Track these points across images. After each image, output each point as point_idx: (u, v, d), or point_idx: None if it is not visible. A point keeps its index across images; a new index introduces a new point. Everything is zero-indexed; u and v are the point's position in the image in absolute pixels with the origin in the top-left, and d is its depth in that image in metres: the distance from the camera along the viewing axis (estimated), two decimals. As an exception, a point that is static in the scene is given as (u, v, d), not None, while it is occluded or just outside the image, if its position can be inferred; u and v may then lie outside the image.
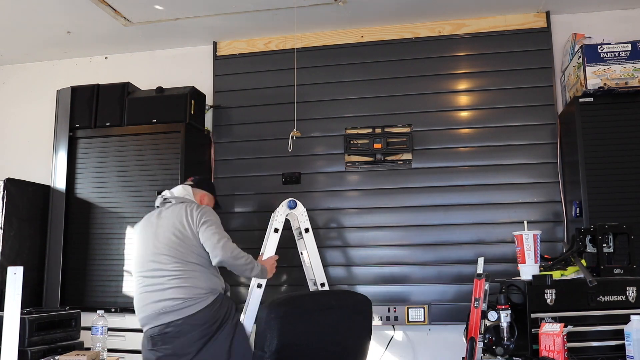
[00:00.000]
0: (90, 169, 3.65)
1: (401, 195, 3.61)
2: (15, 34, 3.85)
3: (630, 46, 3.07)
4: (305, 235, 3.23)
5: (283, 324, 2.31)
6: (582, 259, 2.40)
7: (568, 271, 2.37)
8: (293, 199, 3.21)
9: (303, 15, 3.53)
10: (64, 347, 2.84)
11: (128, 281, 3.47)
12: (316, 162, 3.76)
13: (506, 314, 2.10)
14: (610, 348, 2.14)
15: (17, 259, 3.42)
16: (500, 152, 3.55)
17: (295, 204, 3.19)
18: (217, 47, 4.02)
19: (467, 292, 3.36)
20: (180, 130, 3.52)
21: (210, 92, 3.94)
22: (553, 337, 1.98)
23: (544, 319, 2.10)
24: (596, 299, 2.17)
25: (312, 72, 3.79)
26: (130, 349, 3.31)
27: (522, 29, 3.62)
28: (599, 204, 3.03)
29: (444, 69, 3.69)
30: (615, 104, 3.10)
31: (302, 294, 3.17)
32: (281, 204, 3.18)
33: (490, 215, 3.50)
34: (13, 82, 4.39)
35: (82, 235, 3.59)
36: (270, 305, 2.42)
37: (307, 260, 3.29)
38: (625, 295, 2.20)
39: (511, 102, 3.57)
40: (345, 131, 3.73)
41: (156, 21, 3.68)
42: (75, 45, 4.07)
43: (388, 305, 3.49)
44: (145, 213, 3.48)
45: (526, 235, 2.29)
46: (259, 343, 2.33)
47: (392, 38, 3.78)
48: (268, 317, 2.33)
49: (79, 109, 3.73)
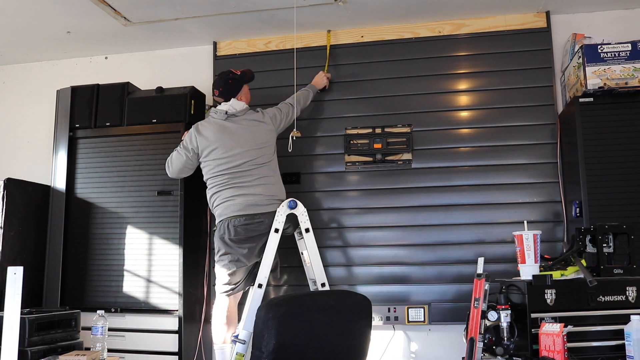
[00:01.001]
0: (90, 169, 3.65)
1: (401, 195, 3.61)
2: (15, 34, 3.85)
3: (630, 46, 3.07)
4: (305, 235, 3.23)
5: (281, 324, 2.30)
6: (582, 259, 2.40)
7: (568, 271, 2.37)
8: (293, 199, 3.21)
9: (303, 15, 3.53)
10: (64, 347, 2.84)
11: (128, 281, 3.47)
12: (316, 162, 3.76)
13: (506, 314, 2.10)
14: (610, 348, 2.14)
15: (17, 259, 3.42)
16: (500, 152, 3.55)
17: (296, 204, 3.19)
18: (217, 47, 4.02)
19: (467, 292, 3.35)
20: (180, 130, 3.52)
21: (210, 92, 3.94)
22: (553, 337, 1.98)
23: (544, 319, 2.10)
24: (596, 299, 2.17)
25: (312, 72, 3.78)
26: (130, 349, 3.32)
27: (522, 29, 3.62)
28: (599, 204, 3.03)
29: (444, 69, 3.69)
30: (615, 104, 3.10)
31: (300, 294, 3.17)
32: (281, 204, 3.18)
33: (490, 215, 3.50)
34: (13, 82, 4.39)
35: (82, 235, 3.59)
36: (268, 305, 2.41)
37: (307, 260, 3.29)
38: (625, 295, 2.20)
39: (511, 102, 3.57)
40: (345, 131, 3.73)
41: (156, 21, 3.68)
42: (75, 45, 4.07)
43: (388, 305, 3.49)
44: (145, 213, 3.53)
45: (526, 235, 2.29)
46: (256, 343, 2.32)
47: (392, 38, 3.78)
48: (266, 317, 2.32)
49: (79, 109, 3.73)
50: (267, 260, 3.10)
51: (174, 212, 3.45)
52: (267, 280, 3.09)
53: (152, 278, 3.45)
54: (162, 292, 3.42)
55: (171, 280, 3.41)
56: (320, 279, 3.20)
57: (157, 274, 3.44)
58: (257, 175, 3.16)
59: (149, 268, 3.46)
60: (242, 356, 3.07)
